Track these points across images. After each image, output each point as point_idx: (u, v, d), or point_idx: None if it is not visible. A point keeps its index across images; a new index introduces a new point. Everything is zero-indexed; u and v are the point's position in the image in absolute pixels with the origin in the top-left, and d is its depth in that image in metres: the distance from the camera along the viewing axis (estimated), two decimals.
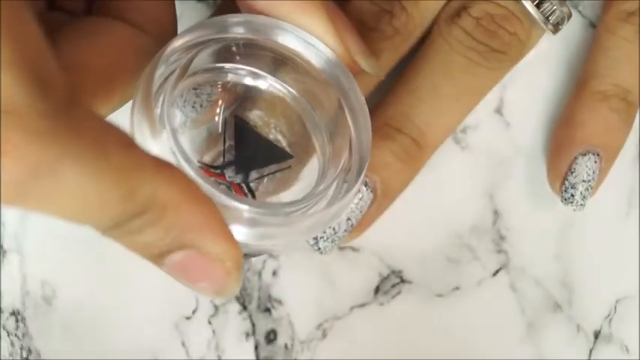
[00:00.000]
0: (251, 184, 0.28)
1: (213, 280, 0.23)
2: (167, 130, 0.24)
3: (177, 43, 0.26)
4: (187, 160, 0.24)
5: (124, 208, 0.20)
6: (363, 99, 0.27)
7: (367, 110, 0.27)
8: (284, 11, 0.26)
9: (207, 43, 0.26)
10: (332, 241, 0.31)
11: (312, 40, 0.27)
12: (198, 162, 0.28)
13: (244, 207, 0.24)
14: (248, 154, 0.28)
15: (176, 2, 0.33)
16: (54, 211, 0.19)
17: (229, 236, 0.22)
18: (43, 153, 0.17)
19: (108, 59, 0.25)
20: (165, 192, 0.21)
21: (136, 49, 0.26)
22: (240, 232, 0.24)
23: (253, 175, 0.28)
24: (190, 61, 0.26)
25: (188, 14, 0.34)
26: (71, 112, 0.18)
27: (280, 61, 0.27)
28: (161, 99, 0.26)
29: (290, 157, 0.28)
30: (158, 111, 0.25)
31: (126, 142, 0.20)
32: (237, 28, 0.27)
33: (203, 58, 0.27)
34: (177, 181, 0.21)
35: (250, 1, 0.26)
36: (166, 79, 0.26)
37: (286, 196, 0.28)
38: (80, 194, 0.18)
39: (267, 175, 0.28)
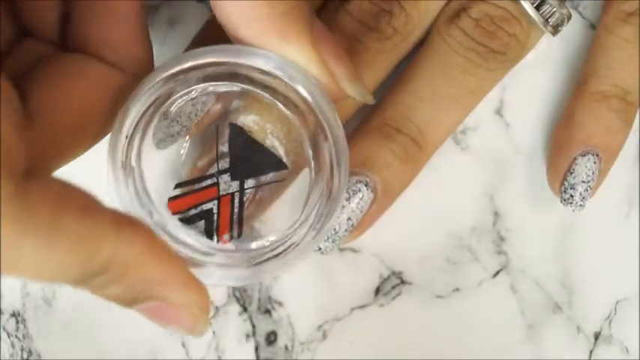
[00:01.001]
0: (246, 192, 0.28)
1: (182, 324, 0.24)
2: (131, 183, 0.25)
3: (154, 79, 0.25)
4: (150, 213, 0.25)
5: (83, 270, 0.21)
6: (341, 128, 0.27)
7: (344, 138, 0.27)
8: (266, 41, 0.25)
9: (188, 72, 0.26)
10: (332, 241, 0.31)
11: (290, 68, 0.26)
12: (179, 185, 0.28)
13: (206, 263, 0.26)
14: (243, 161, 0.28)
15: (177, 3, 0.33)
16: (20, 275, 0.21)
17: (194, 285, 0.24)
18: (5, 233, 0.20)
19: (83, 105, 0.25)
20: (125, 252, 0.22)
21: (112, 89, 0.26)
22: (213, 275, 0.27)
23: (250, 183, 0.28)
24: (169, 93, 0.26)
25: (188, 15, 0.34)
26: (28, 191, 0.20)
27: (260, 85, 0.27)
28: (137, 138, 0.26)
29: (285, 167, 0.28)
30: (132, 151, 0.26)
31: (83, 207, 0.21)
32: (212, 55, 0.26)
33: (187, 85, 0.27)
34: (139, 239, 0.22)
35: (232, 30, 0.25)
36: (144, 113, 0.26)
37: (274, 210, 0.29)
38: (40, 263, 0.21)
39: (263, 184, 0.28)
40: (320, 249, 0.31)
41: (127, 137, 0.26)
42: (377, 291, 0.35)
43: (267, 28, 0.25)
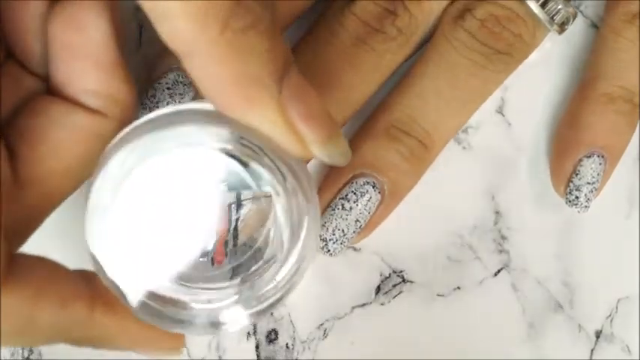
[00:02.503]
0: (243, 203, 0.28)
1: None
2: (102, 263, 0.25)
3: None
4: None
5: (55, 342, 0.24)
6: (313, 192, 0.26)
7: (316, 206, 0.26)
8: (229, 106, 0.23)
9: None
10: (341, 243, 0.31)
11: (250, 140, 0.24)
12: None
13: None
14: (240, 171, 0.27)
15: None
16: None
17: (167, 341, 0.27)
18: None
19: (69, 160, 0.25)
20: (97, 333, 0.25)
21: (96, 138, 0.25)
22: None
23: (246, 194, 0.27)
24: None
25: None
26: (5, 292, 0.22)
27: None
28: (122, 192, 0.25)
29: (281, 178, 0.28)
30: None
31: (59, 301, 0.24)
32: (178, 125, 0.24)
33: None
34: (111, 322, 0.25)
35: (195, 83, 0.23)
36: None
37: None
38: (13, 343, 0.24)
39: (260, 196, 0.28)
40: (329, 251, 0.31)
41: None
42: (378, 289, 0.34)
43: (232, 93, 0.23)
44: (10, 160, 0.24)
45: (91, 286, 0.25)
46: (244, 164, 0.26)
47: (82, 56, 0.25)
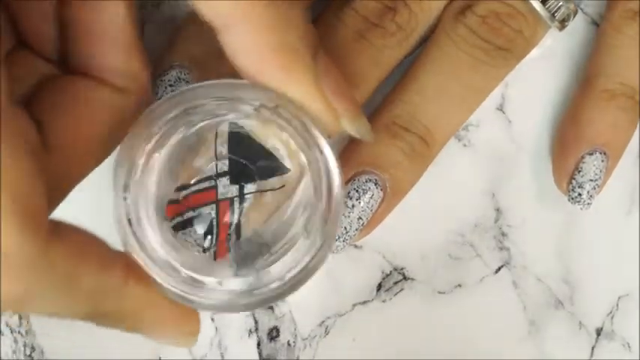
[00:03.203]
0: (246, 197, 0.28)
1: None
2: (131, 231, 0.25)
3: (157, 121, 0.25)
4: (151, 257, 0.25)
5: (86, 316, 0.24)
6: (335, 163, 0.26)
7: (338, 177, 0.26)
8: (267, 74, 0.24)
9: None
10: (344, 240, 0.31)
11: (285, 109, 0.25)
12: (179, 189, 0.27)
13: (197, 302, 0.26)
14: (243, 164, 0.27)
15: (181, 1, 0.32)
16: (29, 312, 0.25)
17: (187, 321, 0.27)
18: (25, 287, 0.22)
19: (92, 132, 0.25)
20: (128, 306, 0.25)
21: (115, 112, 0.26)
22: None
23: (250, 187, 0.27)
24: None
25: None
26: (48, 251, 0.22)
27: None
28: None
29: (287, 171, 0.27)
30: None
31: (98, 264, 0.24)
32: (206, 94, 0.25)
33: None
34: (142, 294, 0.25)
35: (230, 56, 0.24)
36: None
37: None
38: (53, 310, 0.24)
39: (264, 190, 0.28)
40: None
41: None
42: (379, 287, 0.34)
43: (271, 61, 0.23)
44: (38, 130, 0.24)
45: (125, 257, 0.25)
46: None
47: (103, 37, 0.26)
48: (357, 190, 0.30)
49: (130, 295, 0.25)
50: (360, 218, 0.30)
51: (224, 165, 0.27)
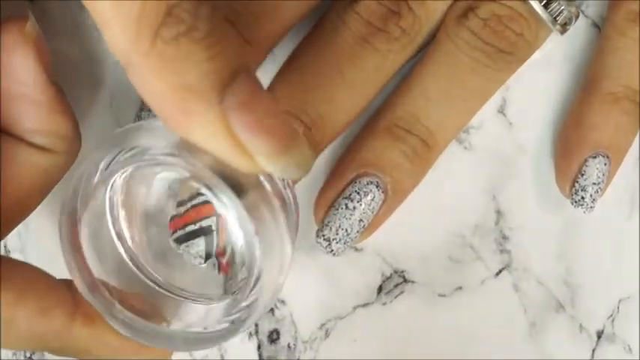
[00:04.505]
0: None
1: None
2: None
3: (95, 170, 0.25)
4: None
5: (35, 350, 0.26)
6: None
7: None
8: (167, 119, 0.22)
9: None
10: (344, 243, 0.30)
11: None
12: (180, 204, 0.27)
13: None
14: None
15: None
16: None
17: (156, 353, 0.27)
18: None
19: (17, 193, 0.26)
20: (75, 344, 0.25)
21: (43, 171, 0.26)
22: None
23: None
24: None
25: None
26: None
27: None
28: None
29: None
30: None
31: (39, 309, 0.24)
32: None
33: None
34: (90, 333, 0.25)
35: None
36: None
37: None
38: None
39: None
40: (332, 251, 0.30)
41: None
42: (379, 289, 0.34)
43: (169, 104, 0.21)
44: None
45: (73, 296, 0.25)
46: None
47: (22, 100, 0.25)
48: (358, 192, 0.30)
49: (75, 336, 0.25)
50: (360, 220, 0.30)
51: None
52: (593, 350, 0.35)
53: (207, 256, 0.27)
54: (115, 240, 0.27)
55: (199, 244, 0.27)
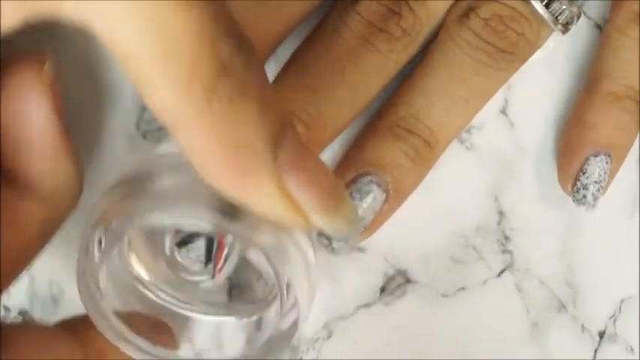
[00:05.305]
0: None
1: None
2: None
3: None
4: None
5: None
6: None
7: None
8: (221, 181, 0.21)
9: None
10: (345, 241, 0.31)
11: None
12: None
13: None
14: None
15: None
16: None
17: None
18: None
19: (15, 245, 0.25)
20: None
21: (42, 223, 0.25)
22: None
23: None
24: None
25: None
26: None
27: None
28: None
29: None
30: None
31: None
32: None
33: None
34: None
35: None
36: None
37: None
38: None
39: None
40: (334, 249, 0.31)
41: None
42: (382, 290, 0.34)
43: (223, 165, 0.20)
44: None
45: (81, 341, 0.25)
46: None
47: (27, 146, 0.24)
48: (359, 192, 0.30)
49: None
50: (362, 219, 0.30)
51: None
52: (595, 350, 0.35)
53: (208, 260, 0.27)
54: (126, 266, 0.27)
55: (199, 248, 0.27)
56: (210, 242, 0.27)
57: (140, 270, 0.28)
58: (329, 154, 0.32)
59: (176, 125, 0.20)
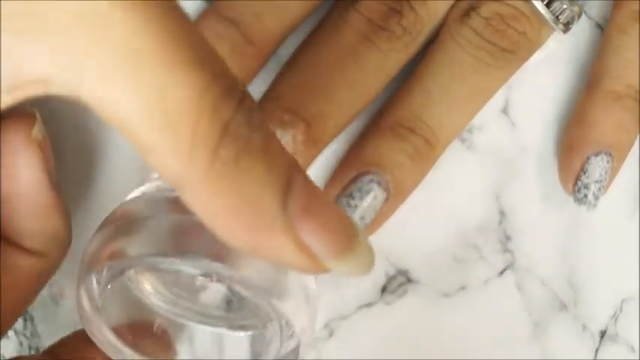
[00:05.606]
0: None
1: None
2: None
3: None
4: None
5: None
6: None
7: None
8: (232, 239, 0.20)
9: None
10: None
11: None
12: None
13: None
14: None
15: (187, 2, 0.32)
16: None
17: None
18: None
19: (10, 299, 0.25)
20: None
21: (35, 276, 0.26)
22: None
23: None
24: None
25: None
26: None
27: None
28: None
29: None
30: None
31: None
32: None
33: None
34: None
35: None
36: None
37: None
38: None
39: None
40: None
41: None
42: (383, 289, 0.34)
43: (232, 224, 0.20)
44: None
45: None
46: None
47: (17, 201, 0.25)
48: (359, 191, 0.30)
49: None
50: (362, 218, 0.30)
51: None
52: (597, 350, 0.35)
53: None
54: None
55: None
56: None
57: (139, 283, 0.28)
58: (330, 153, 0.32)
59: (181, 186, 0.20)
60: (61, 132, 0.32)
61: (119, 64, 0.18)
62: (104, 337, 0.26)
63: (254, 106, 0.20)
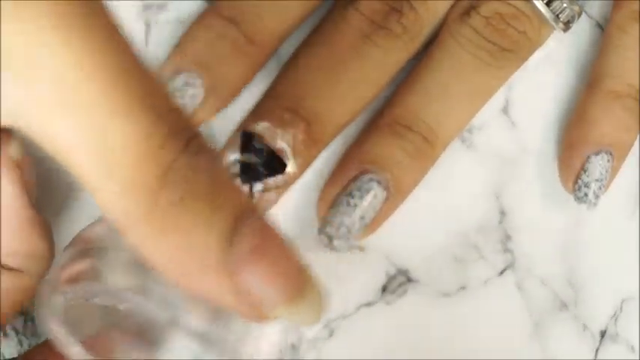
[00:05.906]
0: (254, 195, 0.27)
1: None
2: None
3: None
4: None
5: None
6: None
7: None
8: (176, 281, 0.20)
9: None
10: (346, 239, 0.30)
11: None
12: None
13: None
14: (253, 166, 0.27)
15: (188, 2, 0.32)
16: None
17: None
18: None
19: None
20: None
21: (19, 293, 0.25)
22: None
23: (258, 187, 0.27)
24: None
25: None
26: None
27: None
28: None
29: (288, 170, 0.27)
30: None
31: None
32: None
33: None
34: None
35: None
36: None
37: None
38: None
39: (269, 189, 0.27)
40: (334, 247, 0.30)
41: None
42: (383, 289, 0.34)
43: (173, 267, 0.20)
44: None
45: None
46: None
47: None
48: (359, 190, 0.30)
49: None
50: (362, 217, 0.30)
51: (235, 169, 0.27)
52: (597, 350, 0.35)
53: None
54: None
55: None
56: None
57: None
58: (330, 153, 0.32)
59: (125, 227, 0.19)
60: None
61: (57, 100, 0.17)
62: (74, 351, 0.26)
63: (203, 146, 0.19)
